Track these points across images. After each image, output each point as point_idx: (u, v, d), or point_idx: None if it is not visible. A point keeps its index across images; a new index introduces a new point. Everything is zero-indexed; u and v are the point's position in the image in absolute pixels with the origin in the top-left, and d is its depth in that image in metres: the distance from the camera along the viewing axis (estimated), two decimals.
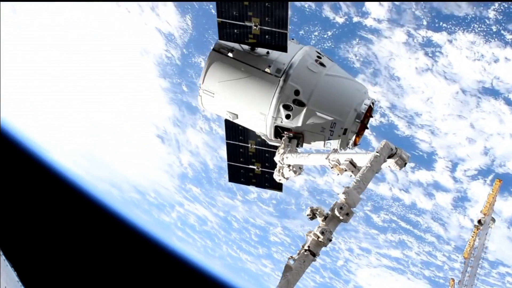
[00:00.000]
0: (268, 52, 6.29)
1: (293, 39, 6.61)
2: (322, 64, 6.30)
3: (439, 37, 36.10)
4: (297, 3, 37.86)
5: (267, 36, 6.03)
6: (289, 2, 5.73)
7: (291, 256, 4.46)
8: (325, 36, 38.08)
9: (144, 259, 68.98)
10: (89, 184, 73.85)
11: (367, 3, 36.23)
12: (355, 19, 37.05)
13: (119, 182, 71.81)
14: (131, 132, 57.79)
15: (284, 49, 6.13)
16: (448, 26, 35.45)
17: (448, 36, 35.74)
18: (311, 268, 4.36)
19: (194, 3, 44.32)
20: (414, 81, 38.18)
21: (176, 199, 64.51)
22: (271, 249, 59.66)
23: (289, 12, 5.79)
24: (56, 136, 67.21)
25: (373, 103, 6.33)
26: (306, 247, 4.46)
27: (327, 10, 37.23)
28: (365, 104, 6.17)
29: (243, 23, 5.97)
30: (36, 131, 67.60)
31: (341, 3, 36.80)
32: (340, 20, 37.38)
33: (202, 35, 45.92)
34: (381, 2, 35.99)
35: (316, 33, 38.18)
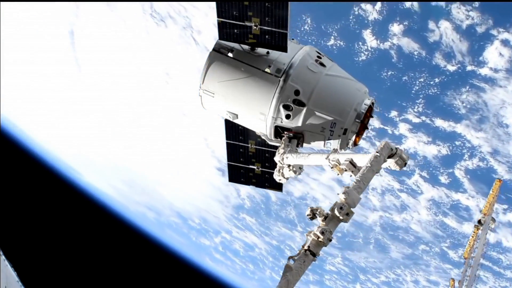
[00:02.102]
0: (268, 52, 6.28)
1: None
2: (322, 64, 6.30)
3: None
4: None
5: (267, 36, 6.03)
6: (289, 2, 5.73)
7: (291, 256, 4.45)
8: (431, 82, 37.63)
9: (161, 269, 69.11)
10: (110, 196, 73.80)
11: None
12: (469, 68, 36.19)
13: (160, 206, 71.76)
14: (190, 160, 56.53)
15: (284, 49, 6.13)
16: None
17: None
18: None
19: None
20: None
21: (224, 226, 63.89)
22: (323, 277, 57.53)
23: (289, 12, 5.79)
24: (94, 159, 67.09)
25: (373, 103, 6.33)
26: (306, 247, 4.46)
27: (438, 58, 36.79)
28: (365, 104, 6.17)
29: (243, 23, 5.97)
30: (70, 153, 67.58)
31: (456, 52, 35.83)
32: (451, 68, 36.66)
33: None
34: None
35: (421, 79, 37.81)
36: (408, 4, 35.63)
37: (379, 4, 36.49)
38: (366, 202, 45.21)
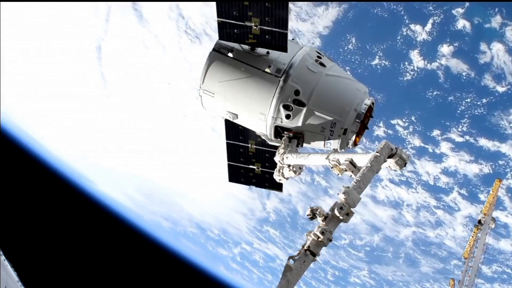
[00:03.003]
0: (268, 52, 6.28)
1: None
2: (322, 64, 6.30)
3: None
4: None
5: (267, 36, 6.03)
6: (289, 2, 5.73)
7: (292, 256, 4.45)
8: (478, 103, 37.42)
9: (171, 275, 68.99)
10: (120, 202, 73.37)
11: None
12: None
13: (177, 217, 71.48)
14: (215, 173, 55.01)
15: (284, 49, 6.12)
16: None
17: None
18: None
19: None
20: None
21: (245, 238, 63.23)
22: None
23: (289, 12, 5.79)
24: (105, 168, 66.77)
25: (373, 103, 6.32)
26: (306, 247, 4.46)
27: (488, 79, 36.63)
28: (365, 104, 6.16)
29: (243, 23, 5.97)
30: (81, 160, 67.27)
31: (507, 73, 35.63)
32: (501, 89, 36.56)
33: None
34: None
35: (468, 100, 37.69)
36: (460, 25, 35.75)
37: (429, 25, 36.59)
38: (399, 217, 45.00)
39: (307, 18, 40.16)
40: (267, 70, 6.13)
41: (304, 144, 6.48)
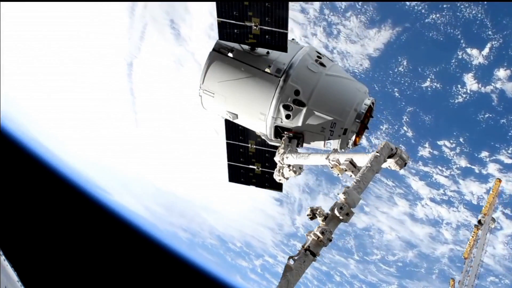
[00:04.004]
0: (268, 52, 6.28)
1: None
2: (322, 64, 6.30)
3: None
4: None
5: (267, 36, 6.03)
6: (289, 2, 5.73)
7: (292, 256, 4.45)
8: None
9: (181, 281, 68.73)
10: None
11: None
12: None
13: (198, 228, 71.17)
14: (245, 189, 56.16)
15: (284, 49, 6.12)
16: None
17: None
18: None
19: None
20: None
21: (269, 251, 62.52)
22: None
23: (289, 12, 5.79)
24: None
25: (373, 103, 6.32)
26: (306, 247, 4.45)
27: None
28: (365, 104, 6.16)
29: (243, 23, 5.97)
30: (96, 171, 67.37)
31: None
32: None
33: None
34: None
35: None
36: None
37: (487, 49, 36.61)
38: (437, 235, 44.84)
39: (357, 40, 40.31)
40: (267, 70, 6.13)
41: (304, 144, 6.48)
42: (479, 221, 29.28)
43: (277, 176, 6.55)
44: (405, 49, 39.57)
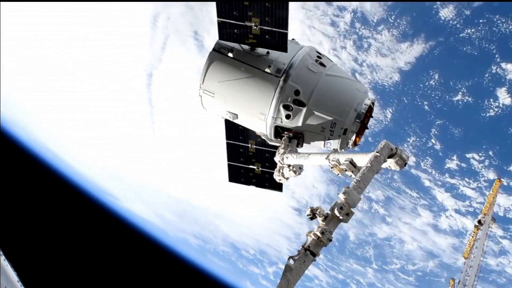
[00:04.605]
0: (268, 52, 6.28)
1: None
2: (322, 64, 6.30)
3: None
4: None
5: (267, 36, 6.03)
6: (289, 2, 5.73)
7: (291, 256, 4.45)
8: None
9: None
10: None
11: None
12: None
13: (210, 236, 70.79)
14: (265, 199, 54.28)
15: (284, 49, 6.12)
16: None
17: None
18: None
19: None
20: None
21: (283, 259, 59.81)
22: None
23: (289, 12, 5.79)
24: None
25: (373, 103, 6.32)
26: (306, 247, 4.45)
27: None
28: (365, 104, 6.16)
29: (243, 23, 5.97)
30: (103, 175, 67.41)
31: None
32: None
33: (400, 127, 43.13)
34: None
35: None
36: None
37: None
38: (460, 246, 44.45)
39: (388, 53, 40.21)
40: (267, 70, 6.13)
41: (304, 144, 6.48)
42: (479, 221, 29.27)
43: (277, 176, 6.56)
44: (438, 63, 39.63)
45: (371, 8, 39.08)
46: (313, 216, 4.66)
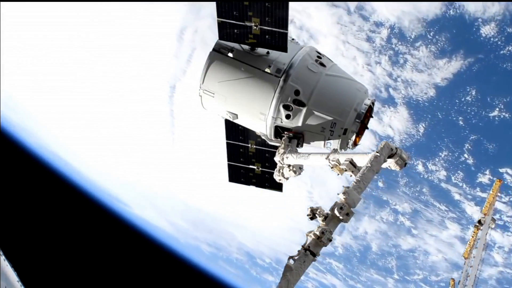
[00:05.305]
0: (268, 52, 6.28)
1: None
2: (322, 64, 6.30)
3: None
4: None
5: (267, 36, 6.03)
6: (289, 2, 5.73)
7: (291, 256, 4.45)
8: None
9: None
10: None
11: None
12: None
13: (224, 244, 70.30)
14: (287, 209, 53.63)
15: (284, 49, 6.12)
16: None
17: None
18: None
19: None
20: None
21: None
22: None
23: (289, 12, 5.79)
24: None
25: (373, 103, 6.32)
26: (306, 247, 4.45)
27: None
28: (365, 104, 6.16)
29: (243, 23, 5.97)
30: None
31: None
32: None
33: (433, 141, 42.55)
34: None
35: None
36: None
37: None
38: (487, 258, 43.55)
39: (424, 69, 39.99)
40: (267, 70, 6.13)
41: (304, 144, 6.48)
42: (479, 221, 29.27)
43: (277, 176, 6.56)
44: (476, 79, 39.30)
45: (409, 24, 38.93)
46: (313, 216, 4.67)
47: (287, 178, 6.54)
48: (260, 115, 6.25)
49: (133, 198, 69.79)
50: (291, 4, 5.76)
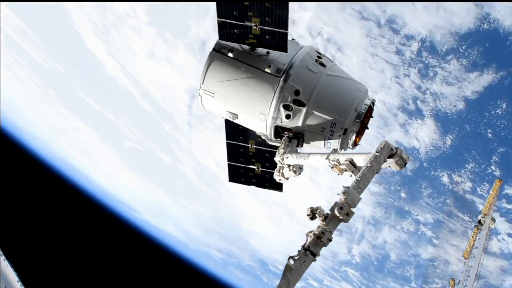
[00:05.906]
0: (268, 52, 6.28)
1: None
2: (322, 64, 6.30)
3: None
4: None
5: (267, 36, 6.03)
6: (289, 2, 5.73)
7: (291, 256, 4.45)
8: None
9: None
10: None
11: None
12: None
13: (237, 251, 69.52)
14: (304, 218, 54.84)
15: (284, 49, 6.12)
16: None
17: None
18: None
19: None
20: None
21: (314, 275, 59.48)
22: None
23: (289, 12, 5.79)
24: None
25: (373, 103, 6.32)
26: (306, 247, 4.45)
27: None
28: (365, 104, 6.16)
29: (243, 23, 5.97)
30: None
31: None
32: None
33: (459, 153, 41.95)
34: None
35: None
36: None
37: None
38: (509, 268, 43.68)
39: (454, 82, 39.63)
40: (267, 70, 6.13)
41: (304, 144, 6.48)
42: (479, 221, 29.29)
43: (277, 176, 6.56)
44: (507, 93, 38.92)
45: (441, 38, 38.53)
46: (313, 216, 4.67)
47: (287, 178, 6.54)
48: (260, 115, 6.25)
49: (142, 204, 70.16)
50: (290, 4, 5.76)
